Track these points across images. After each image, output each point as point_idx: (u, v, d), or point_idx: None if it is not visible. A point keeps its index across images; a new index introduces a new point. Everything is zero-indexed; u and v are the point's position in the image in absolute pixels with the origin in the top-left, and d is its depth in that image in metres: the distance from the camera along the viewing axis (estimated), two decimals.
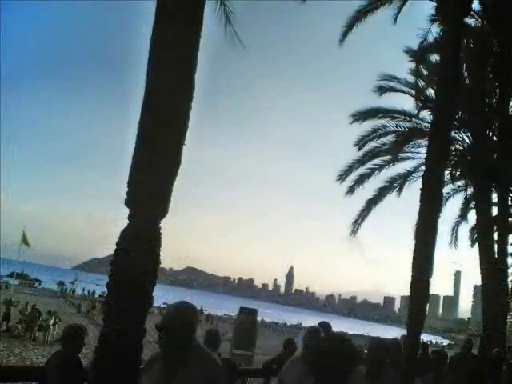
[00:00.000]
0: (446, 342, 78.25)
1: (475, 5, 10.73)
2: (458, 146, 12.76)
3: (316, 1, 11.60)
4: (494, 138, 12.69)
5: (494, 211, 12.45)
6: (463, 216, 15.54)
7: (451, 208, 15.43)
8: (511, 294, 13.24)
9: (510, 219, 13.42)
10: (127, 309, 3.63)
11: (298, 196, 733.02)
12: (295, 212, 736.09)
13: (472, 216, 14.23)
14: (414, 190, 12.01)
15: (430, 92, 12.41)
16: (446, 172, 11.41)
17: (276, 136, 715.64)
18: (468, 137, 12.69)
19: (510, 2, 10.51)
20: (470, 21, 10.95)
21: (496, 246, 12.01)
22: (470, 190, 14.04)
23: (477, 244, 12.60)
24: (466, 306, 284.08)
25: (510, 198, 13.35)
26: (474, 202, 13.25)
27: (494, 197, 12.61)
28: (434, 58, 11.70)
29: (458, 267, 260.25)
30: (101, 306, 32.67)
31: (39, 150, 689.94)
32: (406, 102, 12.91)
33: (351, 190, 12.94)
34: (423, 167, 8.39)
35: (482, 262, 11.78)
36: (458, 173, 13.39)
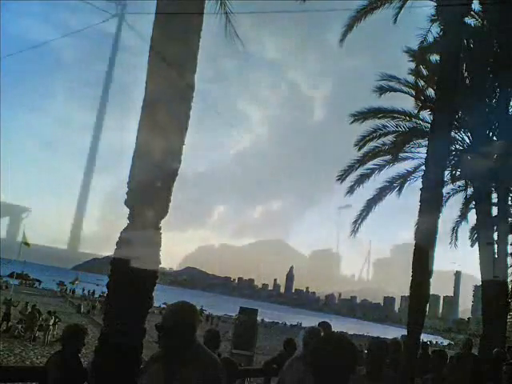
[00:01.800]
0: (446, 342, 78.32)
1: (475, 5, 10.76)
2: (458, 146, 12.76)
3: (316, 0, 11.57)
4: (494, 138, 12.68)
5: (494, 211, 12.47)
6: (463, 216, 15.55)
7: (451, 208, 15.43)
8: (511, 293, 13.23)
9: (510, 219, 13.42)
10: (127, 309, 3.64)
11: (298, 196, 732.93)
12: (295, 211, 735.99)
13: (472, 216, 14.26)
14: (414, 189, 12.02)
15: (430, 92, 12.40)
16: (446, 172, 11.41)
17: (274, 137, 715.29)
18: (468, 137, 12.69)
19: (510, 1, 10.50)
20: (469, 21, 10.98)
21: (496, 245, 12.02)
22: (469, 190, 14.05)
23: (477, 244, 12.61)
24: (466, 306, 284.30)
25: (510, 198, 13.35)
26: (474, 202, 13.25)
27: (494, 197, 12.63)
28: (434, 58, 11.71)
29: (457, 267, 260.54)
30: (101, 306, 32.71)
31: (40, 148, 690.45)
32: (406, 102, 12.90)
33: (351, 189, 12.94)
34: (423, 167, 8.39)
35: (481, 261, 11.79)
36: (458, 173, 13.38)
